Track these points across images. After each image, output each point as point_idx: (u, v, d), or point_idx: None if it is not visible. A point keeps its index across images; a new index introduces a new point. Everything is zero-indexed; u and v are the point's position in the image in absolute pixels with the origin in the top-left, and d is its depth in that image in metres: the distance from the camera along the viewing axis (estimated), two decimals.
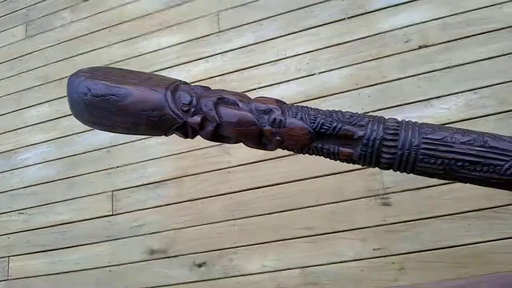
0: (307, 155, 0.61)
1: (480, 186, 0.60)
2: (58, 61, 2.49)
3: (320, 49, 1.94)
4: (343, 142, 0.55)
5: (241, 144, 1.91)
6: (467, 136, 0.51)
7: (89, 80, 0.57)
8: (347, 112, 0.56)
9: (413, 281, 1.58)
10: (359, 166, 1.74)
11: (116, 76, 0.58)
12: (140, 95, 0.56)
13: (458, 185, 1.59)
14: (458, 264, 1.54)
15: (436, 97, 1.72)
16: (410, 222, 1.63)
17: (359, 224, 1.68)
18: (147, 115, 0.56)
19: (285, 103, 0.59)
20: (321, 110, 0.58)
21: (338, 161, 0.60)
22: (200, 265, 1.85)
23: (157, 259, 1.93)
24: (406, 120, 0.54)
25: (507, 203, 1.53)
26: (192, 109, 0.56)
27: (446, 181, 1.62)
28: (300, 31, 2.00)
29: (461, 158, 0.51)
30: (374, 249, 1.65)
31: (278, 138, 0.57)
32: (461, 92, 1.69)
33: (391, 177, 1.68)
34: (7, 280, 2.16)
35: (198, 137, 0.62)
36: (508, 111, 1.62)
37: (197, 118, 0.55)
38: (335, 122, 0.56)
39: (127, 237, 2.00)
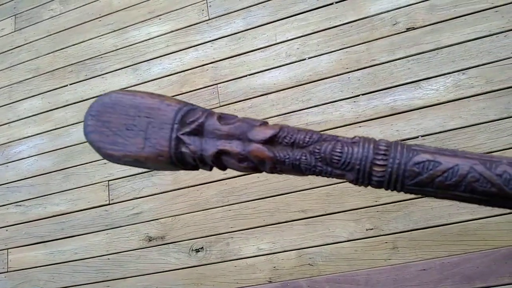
0: None
1: None
2: (48, 53, 2.45)
3: (310, 34, 1.93)
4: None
5: None
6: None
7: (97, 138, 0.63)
8: (338, 142, 0.57)
9: (405, 260, 1.60)
10: None
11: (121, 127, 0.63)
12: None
13: None
14: (449, 242, 1.56)
15: (425, 79, 1.72)
16: (401, 202, 1.64)
17: (352, 205, 1.69)
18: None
19: (279, 131, 0.60)
20: (312, 145, 0.59)
21: None
22: (197, 251, 1.86)
23: (154, 246, 1.93)
24: (395, 144, 0.54)
25: None
26: (199, 163, 0.63)
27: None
28: (289, 16, 1.98)
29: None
30: (367, 230, 1.66)
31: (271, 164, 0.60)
32: (449, 73, 1.69)
33: None
34: (7, 272, 2.15)
35: None
36: (496, 90, 1.62)
37: (207, 167, 0.63)
38: (325, 167, 0.58)
39: (124, 226, 2.00)
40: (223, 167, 0.61)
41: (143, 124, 0.60)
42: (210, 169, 0.61)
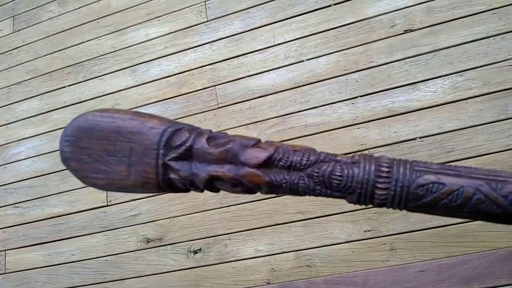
0: None
1: None
2: (47, 55, 2.45)
3: (308, 36, 1.94)
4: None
5: (233, 132, 1.90)
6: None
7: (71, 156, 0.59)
8: (337, 164, 0.56)
9: (403, 261, 1.60)
10: (350, 150, 1.74)
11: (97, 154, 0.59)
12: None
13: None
14: (447, 243, 1.56)
15: (422, 81, 1.72)
16: None
17: (349, 207, 1.69)
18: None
19: (274, 153, 0.57)
20: (309, 167, 0.57)
21: (328, 147, 0.60)
22: (195, 252, 1.86)
23: (152, 247, 1.93)
24: (397, 164, 0.53)
25: None
26: (190, 187, 0.60)
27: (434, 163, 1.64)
28: (288, 18, 1.99)
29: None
30: (365, 231, 1.66)
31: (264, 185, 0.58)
32: (447, 75, 1.70)
33: None
34: (4, 273, 2.15)
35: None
36: (493, 92, 1.63)
37: (199, 190, 0.61)
38: (324, 190, 0.56)
39: (122, 227, 2.00)
40: (216, 190, 0.58)
41: (126, 150, 0.56)
42: (202, 191, 0.59)
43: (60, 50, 2.43)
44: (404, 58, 1.77)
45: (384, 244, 1.63)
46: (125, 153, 0.57)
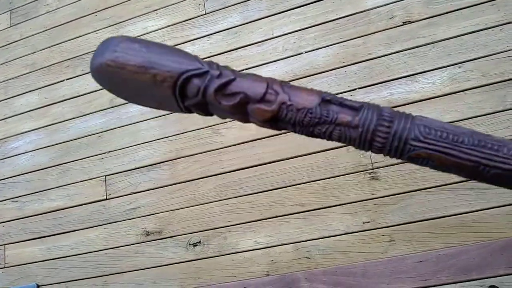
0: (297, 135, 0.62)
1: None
2: (45, 48, 2.46)
3: (307, 28, 1.95)
4: (344, 111, 0.56)
5: (232, 124, 1.92)
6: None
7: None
8: (336, 128, 0.58)
9: (402, 252, 1.62)
10: None
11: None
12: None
13: None
14: (446, 234, 1.58)
15: (421, 72, 1.74)
16: (398, 195, 1.66)
17: (349, 199, 1.71)
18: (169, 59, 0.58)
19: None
20: (314, 126, 0.60)
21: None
22: (195, 245, 1.87)
23: (152, 240, 1.94)
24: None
25: None
26: (214, 65, 0.59)
27: None
28: (286, 10, 1.99)
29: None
30: (364, 223, 1.68)
31: (284, 95, 0.58)
32: (446, 66, 1.71)
33: None
34: (4, 268, 2.16)
35: (190, 119, 0.63)
36: (492, 83, 1.64)
37: (217, 71, 0.58)
38: (339, 97, 0.57)
39: (121, 221, 2.01)
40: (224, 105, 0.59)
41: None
42: (219, 76, 0.58)
43: (58, 43, 2.43)
44: (403, 50, 1.78)
45: (383, 235, 1.65)
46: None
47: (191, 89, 0.56)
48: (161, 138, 2.04)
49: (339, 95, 0.57)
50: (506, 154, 0.50)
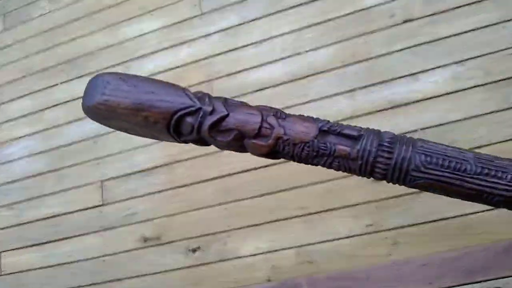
0: None
1: None
2: (39, 52, 2.42)
3: (305, 27, 1.92)
4: (342, 142, 0.54)
5: None
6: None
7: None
8: (335, 160, 0.56)
9: (406, 255, 1.59)
10: None
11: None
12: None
13: None
14: (450, 236, 1.55)
15: (422, 71, 1.71)
16: (401, 197, 1.63)
17: (351, 201, 1.68)
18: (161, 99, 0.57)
19: None
20: (312, 159, 0.58)
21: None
22: (194, 250, 1.85)
23: (150, 246, 1.91)
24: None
25: None
26: (206, 100, 0.57)
27: None
28: (284, 10, 1.96)
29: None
30: (366, 225, 1.65)
31: (279, 129, 0.56)
32: (447, 65, 1.68)
33: None
34: (0, 276, 2.13)
35: None
36: (495, 81, 1.61)
37: (210, 107, 0.56)
38: (338, 125, 0.55)
39: (119, 227, 1.98)
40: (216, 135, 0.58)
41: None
42: (211, 112, 0.57)
43: (52, 47, 2.40)
44: (404, 49, 1.75)
45: (386, 238, 1.62)
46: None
47: (185, 127, 0.55)
48: (158, 142, 2.01)
49: (338, 95, 0.55)
50: (510, 181, 0.48)
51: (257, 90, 1.91)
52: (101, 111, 0.57)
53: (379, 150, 0.51)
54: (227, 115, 0.55)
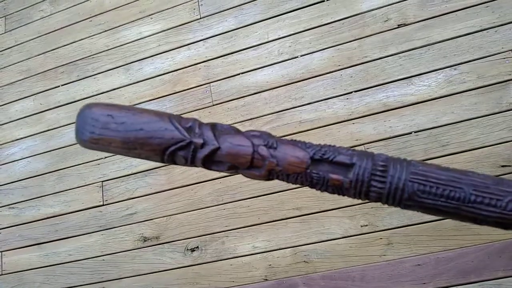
0: None
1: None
2: (40, 54, 2.40)
3: (301, 31, 1.90)
4: (335, 170, 0.52)
5: None
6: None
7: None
8: (329, 183, 0.54)
9: (400, 255, 1.58)
10: (345, 146, 1.72)
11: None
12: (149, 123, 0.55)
13: (441, 160, 1.59)
14: (444, 237, 1.54)
15: (417, 75, 1.70)
16: None
17: (346, 202, 1.67)
18: (152, 134, 0.55)
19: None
20: (305, 182, 0.56)
21: (323, 143, 0.57)
22: (192, 250, 1.83)
23: (149, 246, 1.89)
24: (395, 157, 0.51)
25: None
26: (195, 132, 0.55)
27: (428, 157, 1.62)
28: (281, 14, 1.95)
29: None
30: (361, 226, 1.64)
31: (271, 160, 0.54)
32: (441, 68, 1.67)
33: None
34: (1, 275, 2.11)
35: None
36: (487, 85, 1.60)
37: (200, 140, 0.54)
38: (330, 151, 0.53)
39: (118, 226, 1.96)
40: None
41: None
42: (199, 149, 0.55)
43: (53, 49, 2.38)
44: (398, 53, 1.74)
45: (381, 238, 1.61)
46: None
47: (179, 160, 0.54)
48: None
49: (333, 98, 0.53)
50: (504, 208, 0.47)
51: (255, 93, 1.90)
52: (94, 146, 0.56)
53: (371, 180, 0.50)
54: (218, 148, 0.54)
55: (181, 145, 0.53)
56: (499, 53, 1.61)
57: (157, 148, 0.53)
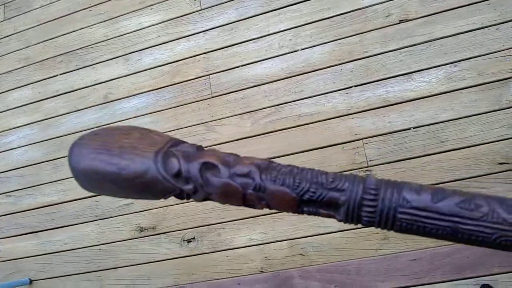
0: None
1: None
2: (38, 43, 2.33)
3: (303, 25, 1.85)
4: (325, 208, 0.49)
5: (227, 122, 1.82)
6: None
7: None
8: (328, 174, 0.49)
9: (396, 250, 1.55)
10: (344, 140, 1.67)
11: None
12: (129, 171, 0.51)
13: (440, 156, 1.55)
14: None
15: (417, 71, 1.66)
16: None
17: None
18: (142, 187, 0.51)
19: (270, 163, 0.51)
20: (303, 171, 0.51)
21: (322, 137, 0.52)
22: (189, 241, 1.79)
23: (146, 236, 1.85)
24: (386, 180, 0.47)
25: (487, 173, 1.50)
26: (184, 177, 0.51)
27: (426, 153, 1.58)
28: (282, 7, 1.90)
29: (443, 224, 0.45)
30: None
31: (262, 203, 0.51)
32: (442, 65, 1.63)
33: (374, 150, 1.63)
34: None
35: (184, 116, 0.56)
36: (487, 82, 1.56)
37: (190, 186, 0.50)
38: (320, 190, 0.49)
39: (115, 216, 1.92)
40: (206, 188, 0.53)
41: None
42: (193, 192, 0.53)
43: (52, 38, 2.31)
44: (399, 48, 1.69)
45: (377, 233, 1.58)
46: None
47: (176, 197, 0.51)
48: None
49: (333, 93, 0.48)
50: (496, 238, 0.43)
51: (254, 86, 1.85)
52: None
53: (362, 216, 0.46)
54: (210, 194, 0.51)
55: (173, 194, 0.51)
56: (500, 51, 1.57)
57: (152, 198, 0.51)
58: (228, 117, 1.85)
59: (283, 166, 0.50)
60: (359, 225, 0.42)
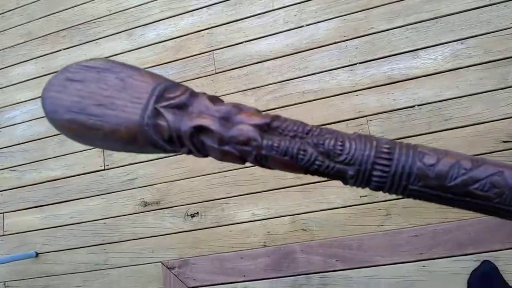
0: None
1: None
2: (41, 18, 2.27)
3: (308, 0, 1.80)
4: (333, 176, 0.44)
5: (230, 98, 1.78)
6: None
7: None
8: (337, 138, 0.43)
9: (398, 226, 1.53)
10: (348, 117, 1.64)
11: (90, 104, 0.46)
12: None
13: (444, 133, 1.53)
14: (443, 209, 1.49)
15: (423, 48, 1.61)
16: None
17: None
18: (132, 149, 0.47)
19: (272, 121, 0.44)
20: (308, 133, 0.45)
21: (326, 114, 0.49)
22: (192, 215, 1.77)
23: (150, 210, 1.84)
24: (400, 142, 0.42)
25: (492, 151, 1.47)
26: (177, 141, 0.45)
27: (430, 131, 1.55)
28: None
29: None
30: (361, 196, 1.59)
31: (266, 167, 0.46)
32: (448, 42, 1.59)
33: (378, 127, 1.60)
34: (3, 235, 2.05)
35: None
36: (494, 60, 1.53)
37: (185, 150, 0.45)
38: (326, 162, 0.43)
39: (119, 191, 1.90)
40: (203, 151, 0.47)
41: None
42: (188, 152, 0.47)
43: (55, 13, 2.25)
44: (405, 25, 1.65)
45: (379, 209, 1.56)
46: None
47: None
48: None
49: (338, 70, 0.44)
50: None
51: (258, 62, 1.81)
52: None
53: (372, 181, 0.42)
54: (208, 155, 0.48)
55: (171, 152, 0.48)
56: (507, 28, 1.53)
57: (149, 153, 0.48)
58: (232, 93, 1.81)
59: (287, 125, 0.44)
60: (362, 202, 0.39)
